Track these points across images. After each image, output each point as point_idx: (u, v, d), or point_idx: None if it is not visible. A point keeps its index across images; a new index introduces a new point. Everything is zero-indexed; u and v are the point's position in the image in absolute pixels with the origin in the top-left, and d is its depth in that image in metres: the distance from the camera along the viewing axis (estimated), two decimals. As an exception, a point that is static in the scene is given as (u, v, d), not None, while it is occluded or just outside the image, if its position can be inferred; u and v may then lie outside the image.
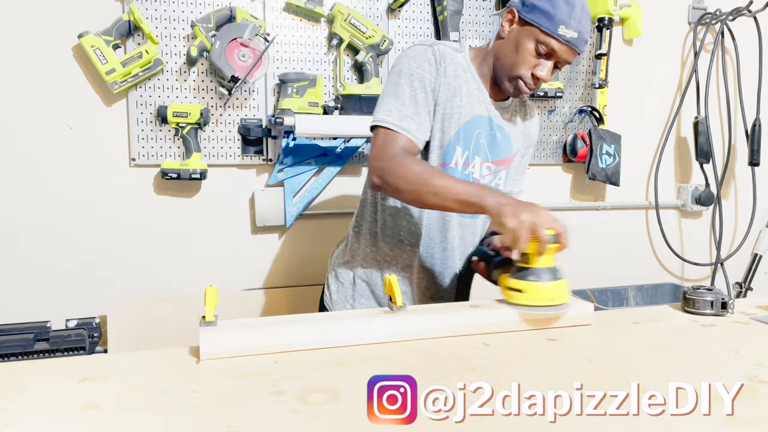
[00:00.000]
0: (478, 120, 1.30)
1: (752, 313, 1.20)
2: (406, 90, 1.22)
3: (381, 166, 1.18)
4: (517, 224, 1.00)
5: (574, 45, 1.20)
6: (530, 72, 1.24)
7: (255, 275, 2.11)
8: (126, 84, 1.86)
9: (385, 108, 1.22)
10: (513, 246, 1.03)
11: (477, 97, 1.31)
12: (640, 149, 2.55)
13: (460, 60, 1.30)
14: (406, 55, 1.26)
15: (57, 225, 1.90)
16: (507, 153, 1.38)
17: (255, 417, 0.71)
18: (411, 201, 1.22)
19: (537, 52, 1.22)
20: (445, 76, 1.25)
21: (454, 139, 1.28)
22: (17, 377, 0.83)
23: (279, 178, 2.05)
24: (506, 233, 1.02)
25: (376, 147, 1.21)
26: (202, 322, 0.92)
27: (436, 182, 1.11)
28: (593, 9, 2.31)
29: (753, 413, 0.73)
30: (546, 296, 1.04)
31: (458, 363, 0.90)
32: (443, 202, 1.13)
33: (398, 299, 1.05)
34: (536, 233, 1.00)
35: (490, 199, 1.06)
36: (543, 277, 1.05)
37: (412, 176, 1.13)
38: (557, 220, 1.02)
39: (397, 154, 1.18)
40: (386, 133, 1.21)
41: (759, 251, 2.64)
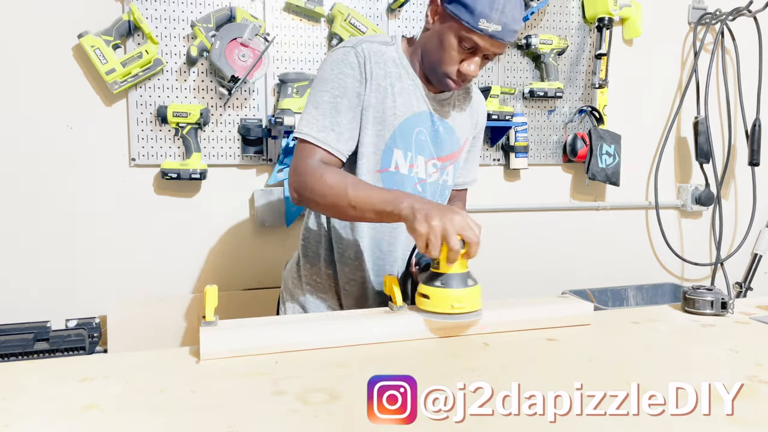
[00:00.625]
0: (416, 117, 1.23)
1: (752, 313, 1.20)
2: (325, 98, 1.16)
3: (297, 180, 1.13)
4: (426, 229, 0.96)
5: (498, 38, 1.11)
6: (456, 68, 1.17)
7: (255, 275, 2.11)
8: (126, 84, 1.86)
9: (305, 119, 1.16)
10: (424, 251, 0.99)
11: (413, 93, 1.23)
12: (640, 149, 2.55)
13: (391, 54, 1.22)
14: (328, 60, 1.19)
15: (57, 225, 1.90)
16: (453, 147, 1.31)
17: (255, 417, 0.71)
18: (332, 215, 1.18)
19: (461, 48, 1.14)
20: (372, 78, 1.18)
21: (390, 142, 1.21)
22: (17, 377, 0.83)
23: (279, 178, 2.05)
24: (417, 238, 0.98)
25: (295, 160, 1.16)
26: (202, 322, 0.92)
27: (352, 194, 1.06)
28: (593, 9, 2.31)
29: (753, 413, 0.73)
30: (450, 303, 0.99)
31: (458, 363, 0.90)
32: (362, 214, 1.08)
33: (398, 299, 1.05)
34: (445, 240, 0.96)
35: (405, 205, 1.01)
36: (451, 283, 0.99)
37: (328, 190, 1.09)
38: (471, 227, 0.97)
39: (313, 168, 1.12)
40: (304, 146, 1.15)
41: (759, 251, 2.64)
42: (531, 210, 2.43)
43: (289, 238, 2.13)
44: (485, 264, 2.10)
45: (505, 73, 2.31)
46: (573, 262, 2.50)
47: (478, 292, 1.01)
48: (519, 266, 2.42)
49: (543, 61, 2.30)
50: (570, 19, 2.37)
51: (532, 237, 2.44)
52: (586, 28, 2.39)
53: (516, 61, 2.32)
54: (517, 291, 2.35)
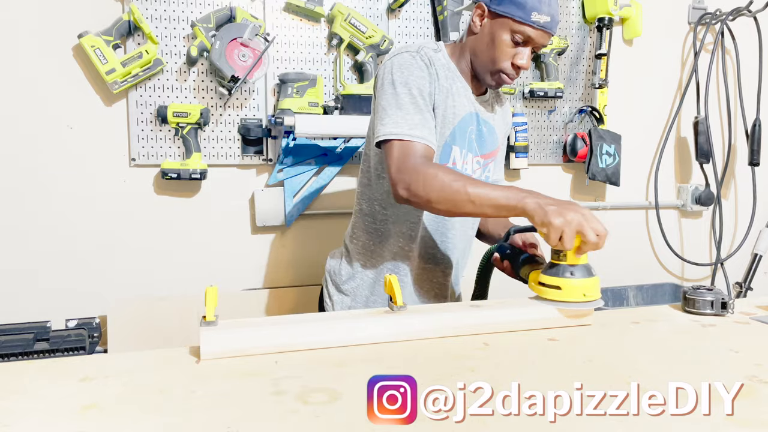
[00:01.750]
0: (469, 117, 1.32)
1: (752, 313, 1.20)
2: (406, 99, 1.20)
3: (406, 178, 1.15)
4: (562, 223, 1.01)
5: (549, 29, 1.21)
6: (510, 63, 1.26)
7: (255, 275, 2.11)
8: (126, 84, 1.86)
9: (391, 120, 1.19)
10: (557, 245, 1.03)
11: (464, 94, 1.32)
12: (640, 149, 2.55)
13: (442, 60, 1.30)
14: (395, 65, 1.23)
15: (57, 225, 1.90)
16: (493, 145, 1.40)
17: (255, 417, 0.71)
18: (443, 211, 1.20)
19: (514, 42, 1.23)
20: (437, 79, 1.26)
21: (450, 140, 1.29)
22: (17, 377, 0.83)
23: (279, 178, 2.05)
24: (552, 232, 1.02)
25: (396, 160, 1.17)
26: (202, 322, 0.92)
27: (471, 191, 1.10)
28: (593, 9, 2.31)
29: (753, 413, 0.73)
30: (581, 292, 1.06)
31: (458, 363, 0.90)
32: (480, 209, 1.12)
33: (398, 299, 1.05)
34: (582, 233, 1.01)
35: (530, 201, 1.06)
36: (578, 273, 1.06)
37: (445, 186, 1.11)
38: (599, 221, 1.03)
39: (420, 164, 1.15)
40: (401, 144, 1.17)
41: (759, 251, 2.64)
42: (531, 210, 2.43)
43: (289, 238, 2.13)
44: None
45: (505, 73, 2.31)
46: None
47: (599, 281, 1.10)
48: (519, 266, 2.41)
49: (543, 61, 2.30)
50: (570, 19, 2.37)
51: (532, 237, 2.44)
52: (586, 28, 2.39)
53: (516, 61, 2.32)
54: (517, 291, 2.35)
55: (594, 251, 1.05)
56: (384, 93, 1.22)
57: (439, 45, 1.34)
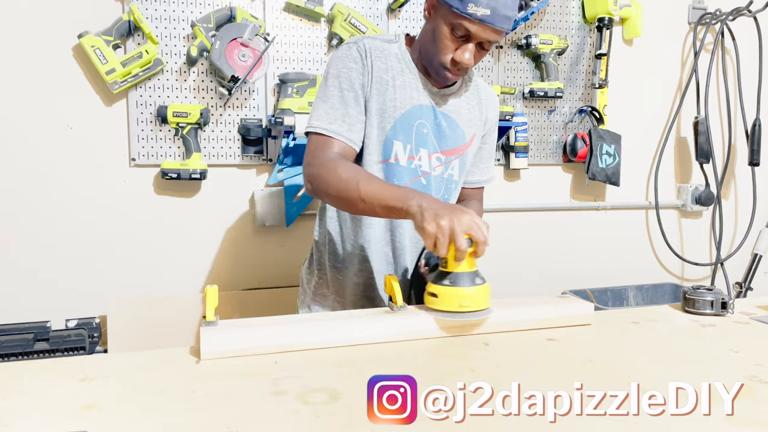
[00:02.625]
0: (418, 110, 1.25)
1: (752, 313, 1.20)
2: (334, 92, 1.19)
3: (312, 172, 1.15)
4: (434, 228, 0.97)
5: (489, 23, 1.11)
6: (450, 57, 1.17)
7: (255, 275, 2.11)
8: (126, 84, 1.86)
9: (316, 113, 1.19)
10: (433, 251, 0.99)
11: (414, 86, 1.25)
12: (640, 149, 2.55)
13: (394, 50, 1.25)
14: (333, 57, 1.23)
15: (57, 225, 1.90)
16: (457, 141, 1.31)
17: (255, 417, 0.71)
18: (342, 208, 1.19)
19: (453, 36, 1.15)
20: (373, 71, 1.21)
21: (391, 134, 1.23)
22: (17, 377, 0.83)
23: (279, 178, 2.05)
24: (425, 238, 0.99)
25: (309, 153, 1.18)
26: (202, 322, 0.92)
27: (363, 188, 1.07)
28: (593, 9, 2.31)
29: (753, 413, 0.73)
30: (459, 301, 1.00)
31: (458, 363, 0.90)
32: (371, 209, 1.09)
33: (398, 299, 1.05)
34: (453, 239, 0.97)
35: (413, 203, 1.01)
36: (459, 282, 1.00)
37: (341, 183, 1.10)
38: (479, 226, 0.99)
39: (328, 160, 1.15)
40: (318, 138, 1.18)
41: (759, 251, 2.64)
42: (531, 210, 2.43)
43: (289, 238, 2.13)
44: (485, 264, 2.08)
45: (505, 73, 2.31)
46: (573, 262, 2.49)
47: (486, 290, 1.02)
48: (519, 266, 2.42)
49: (543, 61, 2.30)
50: (570, 19, 2.37)
51: (532, 237, 2.44)
52: (586, 28, 2.39)
53: (516, 61, 2.32)
54: (517, 291, 2.35)
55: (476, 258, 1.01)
56: (321, 84, 1.24)
57: (398, 36, 1.29)
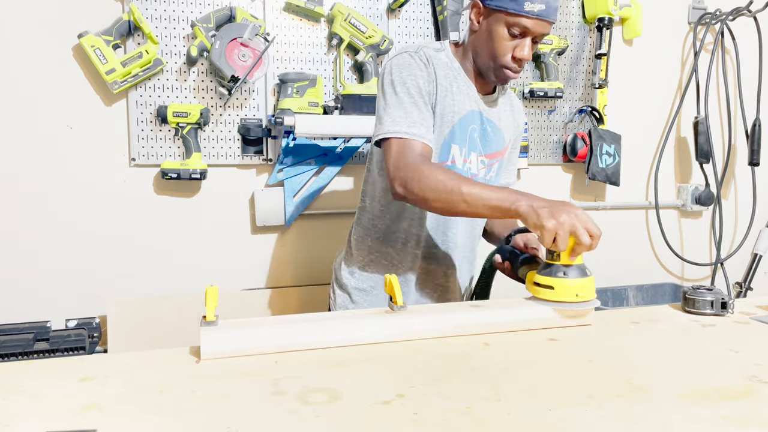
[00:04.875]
0: (471, 115, 1.32)
1: (752, 313, 1.20)
2: (405, 98, 1.22)
3: (403, 176, 1.16)
4: (555, 225, 1.01)
5: (544, 17, 1.20)
6: (511, 56, 1.25)
7: (255, 275, 2.11)
8: (126, 84, 1.86)
9: (390, 119, 1.21)
10: (551, 246, 1.04)
11: (466, 93, 1.32)
12: (640, 149, 2.55)
13: (444, 59, 1.31)
14: (394, 65, 1.26)
15: (57, 225, 1.90)
16: (498, 145, 1.39)
17: (255, 417, 0.71)
18: (439, 210, 1.21)
19: (511, 35, 1.23)
20: (436, 78, 1.27)
21: (449, 138, 1.30)
22: (17, 377, 0.83)
23: (279, 178, 2.05)
24: (546, 234, 1.02)
25: (394, 157, 1.19)
26: (202, 322, 0.92)
27: (465, 190, 1.11)
28: (593, 9, 2.31)
29: (753, 413, 0.73)
30: (574, 292, 1.06)
31: (458, 363, 0.90)
32: (474, 210, 1.12)
33: (398, 299, 1.05)
34: (575, 234, 1.02)
35: (523, 203, 1.06)
36: (571, 274, 1.07)
37: (440, 185, 1.12)
38: (593, 222, 1.04)
39: (417, 163, 1.17)
40: (400, 142, 1.20)
41: (759, 251, 2.64)
42: (531, 210, 2.43)
43: (289, 238, 2.13)
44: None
45: (505, 73, 2.31)
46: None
47: (594, 282, 1.09)
48: (519, 266, 2.41)
49: (543, 61, 2.30)
50: (570, 19, 2.37)
51: (532, 237, 2.44)
52: (586, 28, 2.39)
53: (516, 61, 2.32)
54: (517, 291, 2.35)
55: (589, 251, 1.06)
56: (384, 93, 1.26)
57: (443, 44, 1.35)
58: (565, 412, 0.73)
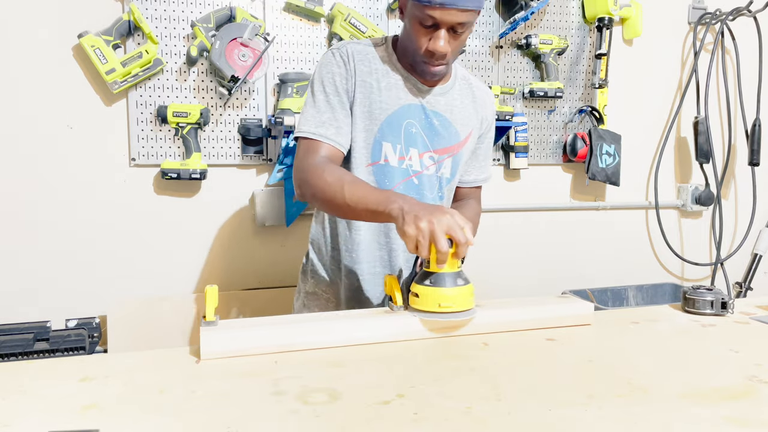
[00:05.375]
0: (406, 110, 1.25)
1: (752, 313, 1.20)
2: (320, 97, 1.22)
3: (300, 177, 1.17)
4: (414, 231, 0.97)
5: (450, 5, 1.10)
6: (425, 48, 1.17)
7: (255, 275, 2.11)
8: (126, 84, 1.86)
9: (303, 118, 1.22)
10: (414, 252, 1.00)
11: (401, 87, 1.25)
12: (640, 149, 2.55)
13: (378, 54, 1.26)
14: (318, 64, 1.26)
15: (57, 225, 1.91)
16: (450, 140, 1.30)
17: (255, 417, 0.71)
18: (330, 212, 1.21)
19: (424, 28, 1.15)
20: (357, 75, 1.22)
21: (379, 136, 1.24)
22: (17, 377, 0.83)
23: (279, 178, 2.05)
24: (407, 241, 0.99)
25: (298, 157, 1.20)
26: (202, 322, 0.92)
27: (348, 192, 1.09)
28: (593, 9, 2.31)
29: (753, 413, 0.73)
30: (438, 302, 1.00)
31: (458, 363, 0.90)
32: (356, 213, 1.10)
33: (398, 299, 1.05)
34: (433, 240, 0.97)
35: (395, 206, 1.02)
36: (440, 282, 1.00)
37: (327, 187, 1.11)
38: (460, 227, 0.98)
39: (315, 164, 1.15)
40: (307, 143, 1.19)
41: (759, 251, 2.64)
42: (531, 210, 2.43)
43: (289, 238, 2.13)
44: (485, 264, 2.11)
45: (505, 73, 2.31)
46: (573, 262, 2.49)
47: (467, 291, 1.02)
48: (519, 266, 2.42)
49: (543, 61, 2.30)
50: (570, 19, 2.37)
51: (532, 237, 2.44)
52: (586, 28, 2.39)
53: (516, 61, 2.32)
54: (517, 291, 2.35)
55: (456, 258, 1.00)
56: (308, 91, 1.26)
57: (385, 39, 1.30)
58: (565, 412, 0.73)
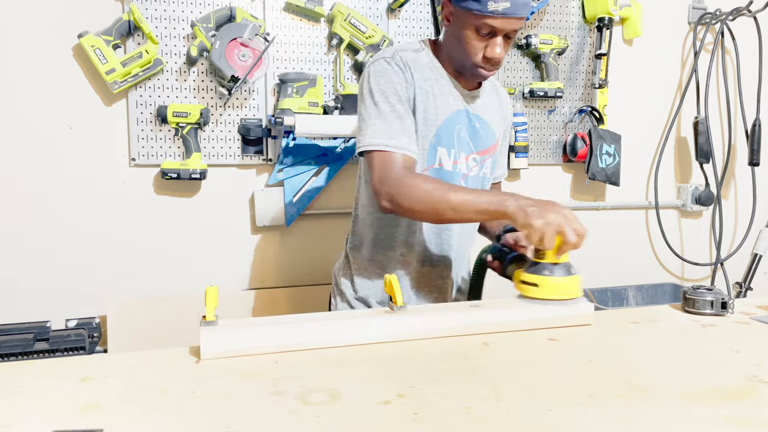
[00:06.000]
0: (456, 116, 1.29)
1: (752, 313, 1.20)
2: (384, 108, 1.21)
3: (388, 190, 1.17)
4: (542, 224, 1.03)
5: (511, 14, 1.16)
6: (482, 56, 1.22)
7: (255, 275, 2.11)
8: (126, 84, 1.86)
9: (371, 131, 1.21)
10: (539, 245, 1.05)
11: (449, 92, 1.29)
12: (640, 149, 2.55)
13: (424, 60, 1.29)
14: (371, 74, 1.24)
15: (57, 225, 1.90)
16: (489, 141, 1.37)
17: (255, 417, 0.71)
18: (427, 220, 1.22)
19: (480, 35, 1.19)
20: (414, 82, 1.24)
21: (435, 141, 1.28)
22: (17, 377, 0.83)
23: (279, 178, 2.05)
24: (533, 233, 1.04)
25: (377, 171, 1.19)
26: (202, 322, 0.92)
27: (452, 198, 1.12)
28: (593, 9, 2.31)
29: (753, 413, 0.73)
30: (559, 290, 1.08)
31: (458, 363, 0.90)
32: (463, 216, 1.14)
33: (398, 299, 1.05)
34: (561, 233, 1.03)
35: (511, 203, 1.08)
36: (557, 272, 1.08)
37: (426, 196, 1.13)
38: (578, 221, 1.05)
39: (401, 176, 1.17)
40: (381, 155, 1.20)
41: (759, 251, 2.64)
42: (531, 210, 2.43)
43: (289, 238, 2.13)
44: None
45: (505, 73, 2.31)
46: (573, 262, 2.49)
47: (579, 280, 1.10)
48: (519, 266, 2.41)
49: (543, 61, 2.30)
50: (570, 19, 2.37)
51: (532, 237, 2.43)
52: (586, 28, 2.39)
53: (516, 61, 2.32)
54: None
55: (575, 250, 1.06)
56: (363, 102, 1.24)
57: (422, 44, 1.32)
58: (565, 412, 0.73)
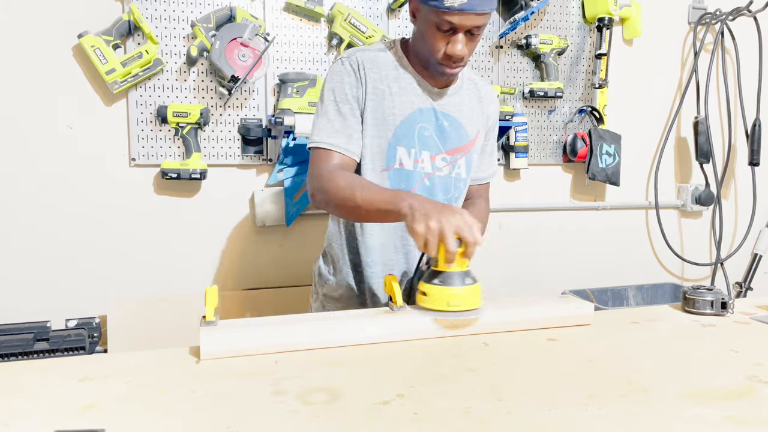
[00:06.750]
0: (418, 114, 1.27)
1: (752, 313, 1.20)
2: (330, 106, 1.23)
3: (314, 185, 1.20)
4: (424, 229, 0.98)
5: (469, 9, 1.11)
6: (443, 52, 1.18)
7: (255, 275, 2.11)
8: (126, 84, 1.86)
9: (316, 128, 1.24)
10: (424, 251, 1.01)
11: (413, 91, 1.27)
12: (640, 149, 2.55)
13: (387, 59, 1.27)
14: (328, 73, 1.27)
15: (57, 225, 1.91)
16: (461, 140, 1.32)
17: (255, 417, 0.71)
18: (345, 217, 1.23)
19: (441, 32, 1.16)
20: (367, 82, 1.23)
21: (393, 141, 1.25)
22: (17, 377, 0.83)
23: (279, 178, 2.05)
24: (417, 239, 1.00)
25: (312, 167, 1.23)
26: (202, 322, 0.92)
27: (358, 195, 1.11)
28: (593, 9, 2.31)
29: (753, 413, 0.73)
30: (447, 301, 1.00)
31: (458, 363, 0.90)
32: (368, 215, 1.13)
33: (398, 299, 1.05)
34: (442, 239, 0.97)
35: (405, 204, 1.03)
36: (448, 281, 1.01)
37: (340, 192, 1.14)
38: (469, 227, 0.99)
39: (326, 172, 1.18)
40: (319, 152, 1.22)
41: (759, 251, 2.64)
42: (531, 210, 2.43)
43: (289, 238, 2.13)
44: (486, 264, 2.10)
45: (505, 73, 2.31)
46: (573, 262, 2.50)
47: (476, 290, 1.02)
48: (519, 266, 2.42)
49: (543, 61, 2.30)
50: (570, 19, 2.37)
51: (532, 237, 2.44)
52: (586, 28, 2.39)
53: (516, 61, 2.32)
54: (517, 291, 2.35)
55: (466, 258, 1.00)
56: (318, 100, 1.27)
57: (393, 43, 1.31)
58: (565, 412, 0.73)
